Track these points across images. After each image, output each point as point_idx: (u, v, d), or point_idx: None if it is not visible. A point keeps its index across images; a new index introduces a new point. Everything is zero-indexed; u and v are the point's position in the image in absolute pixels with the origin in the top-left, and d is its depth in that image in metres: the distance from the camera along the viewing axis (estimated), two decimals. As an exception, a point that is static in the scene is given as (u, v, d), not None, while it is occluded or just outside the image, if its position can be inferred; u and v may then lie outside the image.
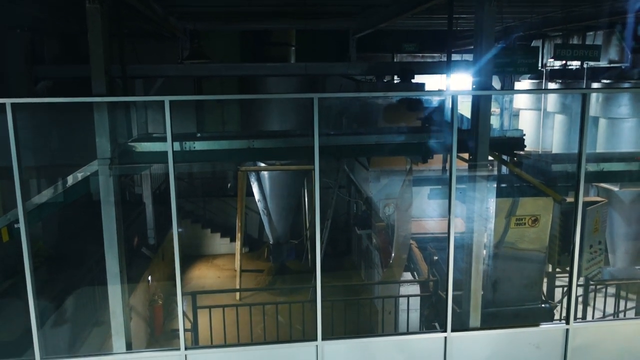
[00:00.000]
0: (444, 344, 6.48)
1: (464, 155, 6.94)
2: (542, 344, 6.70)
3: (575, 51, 10.92)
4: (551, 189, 7.26)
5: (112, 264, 6.10)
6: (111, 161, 5.92)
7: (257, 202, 15.30)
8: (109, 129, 5.91)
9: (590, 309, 10.59)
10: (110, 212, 5.98)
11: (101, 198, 5.95)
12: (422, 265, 9.40)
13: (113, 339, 6.24)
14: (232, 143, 6.79)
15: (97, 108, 5.79)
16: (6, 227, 6.34)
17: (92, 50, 5.78)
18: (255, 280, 15.46)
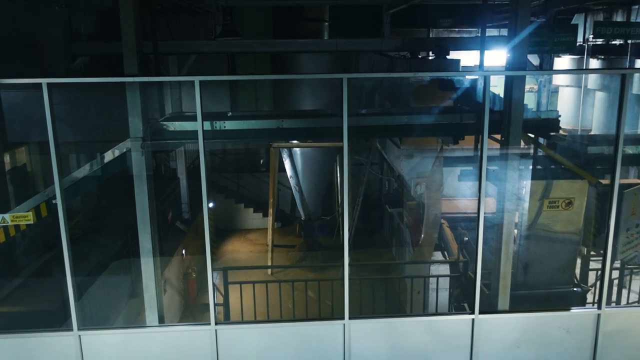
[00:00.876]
0: (472, 326, 6.45)
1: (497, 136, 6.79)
2: (573, 328, 6.60)
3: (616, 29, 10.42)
4: (586, 172, 7.06)
5: (145, 239, 6.25)
6: (143, 140, 6.01)
7: (289, 178, 15.37)
8: (140, 108, 5.99)
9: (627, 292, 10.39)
10: (143, 189, 6.10)
11: (134, 176, 6.08)
12: (452, 245, 9.33)
13: (146, 313, 6.43)
14: (261, 123, 6.81)
15: (129, 87, 5.87)
16: (45, 202, 6.55)
17: (123, 30, 5.83)
18: (286, 256, 15.64)
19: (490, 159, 6.53)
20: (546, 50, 8.08)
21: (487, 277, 7.06)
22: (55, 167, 5.51)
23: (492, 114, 6.31)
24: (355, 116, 6.94)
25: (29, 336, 5.97)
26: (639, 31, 10.39)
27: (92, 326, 6.72)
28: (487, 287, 7.14)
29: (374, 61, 14.88)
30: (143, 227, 6.14)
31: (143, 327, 6.16)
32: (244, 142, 16.53)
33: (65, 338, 6.01)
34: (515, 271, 7.53)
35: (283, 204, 18.62)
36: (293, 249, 15.76)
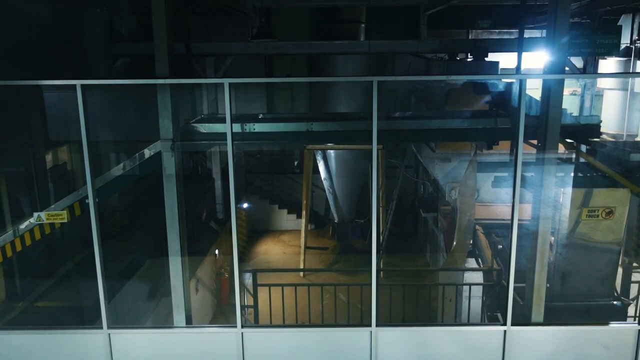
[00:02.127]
0: (503, 338, 6.25)
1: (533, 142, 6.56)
2: (612, 344, 6.31)
3: (664, 30, 9.96)
4: (629, 180, 6.74)
5: (173, 239, 6.29)
6: (173, 141, 6.05)
7: (323, 180, 15.31)
8: (171, 110, 6.03)
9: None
10: (172, 190, 6.14)
11: (163, 177, 6.12)
12: (486, 252, 9.08)
13: (174, 313, 6.48)
14: (291, 125, 6.76)
15: (160, 89, 5.92)
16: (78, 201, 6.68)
17: (155, 32, 5.88)
18: (319, 258, 15.59)
19: (526, 164, 6.31)
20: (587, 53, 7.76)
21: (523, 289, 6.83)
22: (88, 167, 5.59)
23: (529, 119, 6.09)
24: (386, 119, 6.83)
25: (60, 333, 6.09)
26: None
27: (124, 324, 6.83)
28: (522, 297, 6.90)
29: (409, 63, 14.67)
30: (172, 227, 6.18)
31: (170, 327, 6.20)
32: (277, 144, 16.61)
33: (95, 336, 6.10)
34: (552, 281, 7.26)
35: (317, 205, 18.58)
36: (326, 251, 15.69)
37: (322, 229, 17.79)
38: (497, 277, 8.26)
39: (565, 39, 5.83)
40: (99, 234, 5.76)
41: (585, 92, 14.51)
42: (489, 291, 8.45)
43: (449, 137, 7.37)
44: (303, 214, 15.19)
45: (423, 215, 13.92)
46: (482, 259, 9.24)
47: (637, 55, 14.37)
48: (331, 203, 15.65)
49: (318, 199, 18.27)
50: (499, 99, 7.72)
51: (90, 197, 5.62)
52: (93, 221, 5.67)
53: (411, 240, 16.29)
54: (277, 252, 16.36)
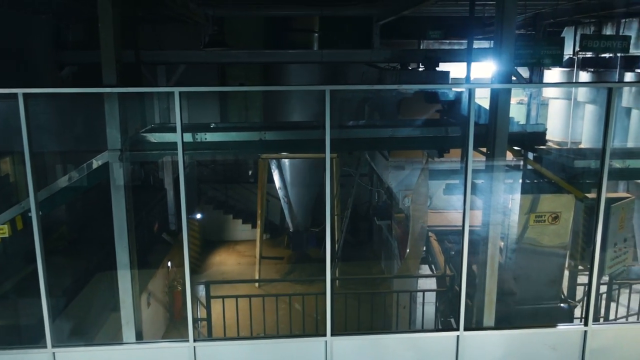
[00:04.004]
0: (457, 343, 6.34)
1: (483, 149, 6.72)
2: (559, 345, 6.50)
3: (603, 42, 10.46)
4: (573, 186, 7.01)
5: (122, 253, 6.12)
6: (121, 151, 5.90)
7: (278, 189, 15.28)
8: (120, 119, 5.88)
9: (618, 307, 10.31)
10: (120, 201, 5.98)
11: (112, 189, 5.96)
12: (439, 259, 9.23)
13: (123, 329, 6.29)
14: (243, 135, 6.71)
15: (108, 98, 5.77)
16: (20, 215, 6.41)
17: (102, 39, 5.74)
18: (275, 268, 15.50)
19: (476, 172, 6.46)
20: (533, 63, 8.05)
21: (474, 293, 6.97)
22: (30, 178, 5.38)
23: (478, 127, 6.24)
24: (339, 128, 6.87)
25: (2, 353, 5.81)
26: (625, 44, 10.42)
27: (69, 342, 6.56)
28: (474, 303, 7.04)
29: (363, 72, 14.86)
30: (120, 240, 6.01)
31: (119, 343, 6.01)
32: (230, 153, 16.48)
33: (39, 355, 5.84)
34: (502, 286, 7.43)
35: (272, 215, 18.48)
36: (281, 261, 15.61)
37: (278, 239, 17.71)
38: (450, 282, 8.40)
39: (512, 50, 6.02)
40: (43, 248, 5.54)
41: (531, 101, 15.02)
42: (442, 297, 8.59)
43: (401, 145, 7.48)
44: (258, 224, 15.09)
45: (377, 223, 14.05)
46: (435, 265, 9.39)
47: (579, 66, 14.99)
48: (286, 212, 15.61)
49: (273, 208, 18.18)
50: (450, 107, 7.90)
51: (33, 209, 5.40)
52: (36, 235, 5.45)
53: (366, 248, 16.40)
54: (232, 263, 16.16)
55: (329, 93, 5.49)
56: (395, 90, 11.80)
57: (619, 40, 10.73)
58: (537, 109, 14.99)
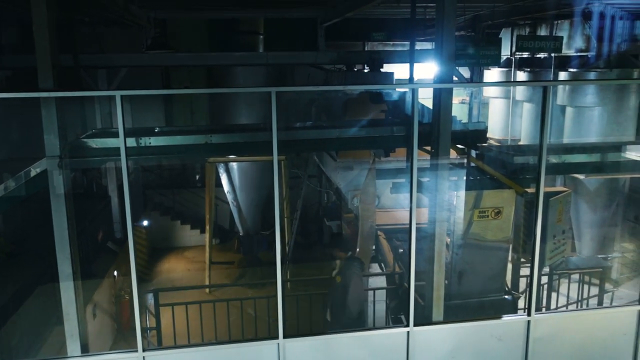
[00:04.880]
0: (407, 339, 6.46)
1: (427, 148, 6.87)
2: (504, 335, 6.72)
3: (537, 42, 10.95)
4: (513, 181, 7.26)
5: (64, 263, 5.90)
6: (61, 158, 5.69)
7: (227, 193, 15.12)
8: (58, 125, 5.67)
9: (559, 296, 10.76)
10: (61, 210, 5.76)
11: (51, 197, 5.74)
12: (389, 257, 9.37)
13: (67, 342, 6.06)
14: (188, 138, 6.61)
15: (44, 103, 5.55)
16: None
17: (37, 43, 5.52)
18: (225, 273, 15.32)
19: (421, 170, 6.60)
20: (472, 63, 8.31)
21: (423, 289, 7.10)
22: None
23: (422, 126, 6.38)
24: (286, 130, 6.87)
25: None
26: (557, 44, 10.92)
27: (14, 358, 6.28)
28: (423, 299, 7.18)
29: (309, 74, 14.92)
30: (62, 250, 5.80)
31: (63, 357, 5.80)
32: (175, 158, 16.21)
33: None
34: (450, 281, 7.62)
35: (221, 219, 18.27)
36: (231, 266, 15.45)
37: (227, 243, 17.52)
38: (400, 280, 8.54)
39: (452, 50, 6.18)
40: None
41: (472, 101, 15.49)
42: (392, 294, 8.72)
43: (348, 145, 7.55)
44: (207, 229, 14.88)
45: (327, 224, 14.12)
46: (384, 263, 9.52)
47: (517, 66, 15.57)
48: (235, 216, 15.46)
49: (222, 213, 17.97)
50: (394, 107, 8.04)
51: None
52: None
53: (317, 249, 16.45)
54: (181, 270, 15.88)
55: (275, 95, 5.49)
56: (341, 91, 11.91)
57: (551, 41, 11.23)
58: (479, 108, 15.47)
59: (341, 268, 7.80)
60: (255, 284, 12.92)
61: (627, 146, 8.49)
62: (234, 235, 17.32)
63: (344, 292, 7.62)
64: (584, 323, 6.89)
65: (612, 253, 13.71)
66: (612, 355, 6.99)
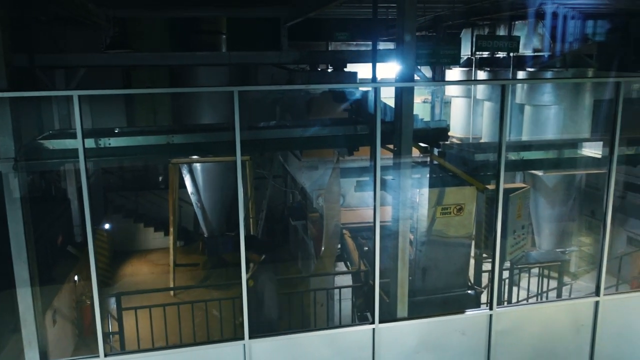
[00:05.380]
0: (373, 336, 6.51)
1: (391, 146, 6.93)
2: (468, 329, 6.84)
3: (495, 42, 11.23)
4: (474, 178, 7.40)
5: (22, 269, 5.73)
6: (16, 161, 5.52)
7: (190, 194, 14.94)
8: (12, 126, 5.50)
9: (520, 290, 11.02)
10: (17, 215, 5.59)
11: (6, 202, 5.56)
12: (354, 255, 9.42)
13: (25, 351, 5.89)
14: (150, 139, 6.50)
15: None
16: None
17: (-12, 42, 5.34)
18: (190, 275, 15.15)
19: (385, 169, 6.66)
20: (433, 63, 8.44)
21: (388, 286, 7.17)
22: None
23: (385, 125, 6.44)
24: (249, 129, 6.83)
25: None
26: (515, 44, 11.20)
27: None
28: (388, 295, 7.25)
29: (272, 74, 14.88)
30: (18, 255, 5.63)
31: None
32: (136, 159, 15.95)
33: None
34: (414, 278, 7.72)
35: (185, 221, 18.06)
36: (196, 268, 15.29)
37: (192, 245, 17.32)
38: (365, 277, 8.60)
39: (413, 50, 6.26)
40: None
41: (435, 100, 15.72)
42: (358, 292, 8.77)
43: (312, 144, 7.56)
44: (170, 231, 14.69)
45: (293, 224, 14.12)
46: (350, 261, 9.57)
47: (477, 66, 15.88)
48: (200, 217, 15.30)
49: (186, 214, 17.76)
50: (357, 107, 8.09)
51: None
52: None
53: (282, 249, 16.42)
54: (145, 273, 15.63)
55: (237, 94, 5.45)
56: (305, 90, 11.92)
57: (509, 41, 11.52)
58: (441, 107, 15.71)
59: (255, 272, 7.74)
60: (221, 285, 12.82)
61: (583, 143, 8.77)
62: (198, 237, 17.14)
63: (257, 297, 7.47)
64: (544, 315, 7.07)
65: (570, 247, 14.14)
66: (571, 346, 7.20)
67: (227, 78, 13.82)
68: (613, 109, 6.77)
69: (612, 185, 6.92)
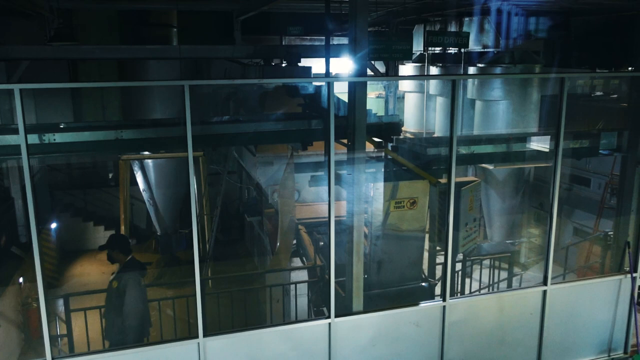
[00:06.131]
0: (329, 330, 6.56)
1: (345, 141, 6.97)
2: (422, 321, 6.99)
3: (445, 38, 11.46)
4: (427, 172, 7.53)
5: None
6: (-48, 158, 5.27)
7: (142, 192, 14.63)
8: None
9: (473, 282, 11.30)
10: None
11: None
12: (310, 251, 9.44)
13: (-34, 355, 5.64)
14: (98, 134, 6.31)
15: None
16: None
17: None
18: (143, 274, 14.85)
19: (339, 163, 6.70)
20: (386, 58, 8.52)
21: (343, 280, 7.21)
22: None
23: (338, 120, 6.47)
24: (201, 124, 6.73)
25: None
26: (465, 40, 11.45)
27: None
28: (344, 290, 7.29)
29: (225, 68, 14.70)
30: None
31: (-38, 372, 5.39)
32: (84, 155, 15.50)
33: None
34: (369, 271, 7.80)
35: (138, 219, 17.68)
36: (149, 266, 14.97)
37: (145, 243, 16.95)
38: (321, 272, 8.63)
39: (366, 45, 6.30)
40: None
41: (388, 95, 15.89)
42: (314, 287, 8.80)
43: (266, 139, 7.52)
44: (122, 229, 14.35)
45: (248, 220, 14.03)
46: (306, 256, 9.59)
47: (429, 61, 16.13)
48: (152, 215, 15.01)
49: (138, 212, 17.38)
50: (311, 101, 8.09)
51: None
52: None
53: (238, 245, 16.31)
54: (95, 273, 15.20)
55: (189, 88, 5.37)
56: (259, 85, 11.85)
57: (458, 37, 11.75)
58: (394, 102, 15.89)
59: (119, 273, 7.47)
60: (174, 283, 12.63)
61: (531, 137, 9.05)
62: (151, 235, 16.81)
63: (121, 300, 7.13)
64: (495, 305, 7.29)
65: (519, 238, 14.60)
66: (521, 334, 7.46)
67: (179, 71, 13.57)
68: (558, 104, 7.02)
69: (557, 178, 7.18)
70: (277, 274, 9.53)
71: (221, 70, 15.54)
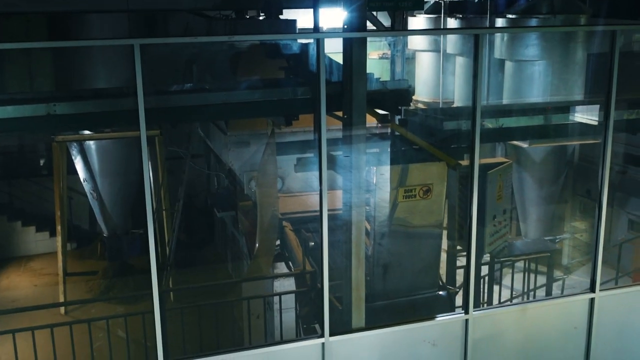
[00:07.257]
0: (322, 351, 6.63)
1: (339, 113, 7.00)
2: (439, 339, 7.07)
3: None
4: (444, 152, 7.57)
5: None
6: None
7: (83, 182, 14.63)
8: None
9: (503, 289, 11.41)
10: None
11: None
12: (297, 253, 9.51)
13: None
14: (23, 109, 6.27)
15: None
16: None
17: None
18: (86, 286, 14.94)
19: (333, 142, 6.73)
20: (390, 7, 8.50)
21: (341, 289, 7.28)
22: None
23: (331, 86, 6.49)
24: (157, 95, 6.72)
25: None
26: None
27: None
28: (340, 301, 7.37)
29: (187, 23, 14.67)
30: None
31: None
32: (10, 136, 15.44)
33: None
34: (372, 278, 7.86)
35: (79, 217, 17.72)
36: (94, 277, 15.07)
37: (88, 248, 17.04)
38: (312, 280, 8.69)
39: (364, -9, 6.31)
40: None
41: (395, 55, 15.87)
42: (303, 299, 8.87)
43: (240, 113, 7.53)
44: (58, 230, 14.37)
45: (219, 216, 14.08)
46: (292, 261, 9.66)
47: (447, 12, 16.11)
48: (97, 211, 15.02)
49: (79, 208, 17.43)
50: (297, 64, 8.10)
51: None
52: None
53: (207, 248, 16.40)
54: (26, 286, 15.29)
55: (139, 48, 5.36)
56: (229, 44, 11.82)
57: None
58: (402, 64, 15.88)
59: None
60: (126, 297, 12.69)
61: (575, 107, 9.10)
62: (96, 237, 16.87)
63: None
64: (530, 318, 7.38)
65: (561, 234, 14.71)
66: (562, 353, 7.56)
67: (127, 29, 13.51)
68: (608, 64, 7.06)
69: (608, 158, 7.24)
70: (256, 284, 9.61)
71: (181, 26, 15.48)
